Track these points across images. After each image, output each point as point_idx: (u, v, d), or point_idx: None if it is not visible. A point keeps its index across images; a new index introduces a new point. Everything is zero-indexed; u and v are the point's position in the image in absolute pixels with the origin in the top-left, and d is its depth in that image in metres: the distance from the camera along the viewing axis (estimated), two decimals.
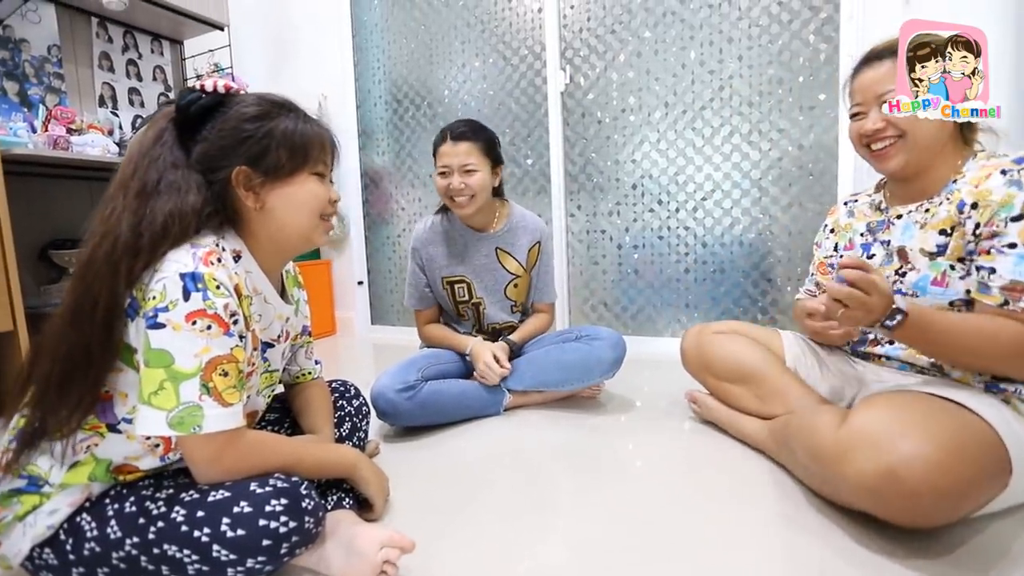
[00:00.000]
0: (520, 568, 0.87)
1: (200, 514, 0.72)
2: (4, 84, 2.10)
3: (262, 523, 0.71)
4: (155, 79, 2.64)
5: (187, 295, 0.71)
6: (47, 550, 0.75)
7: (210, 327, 0.72)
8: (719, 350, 1.34)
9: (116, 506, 0.76)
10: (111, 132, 2.35)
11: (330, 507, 0.93)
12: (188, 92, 0.83)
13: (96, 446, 0.78)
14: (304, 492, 0.76)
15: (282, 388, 1.11)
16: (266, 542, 0.71)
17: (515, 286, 1.70)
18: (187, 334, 0.70)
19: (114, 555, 0.73)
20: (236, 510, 0.71)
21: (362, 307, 3.02)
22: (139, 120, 2.54)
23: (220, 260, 0.77)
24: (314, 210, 0.89)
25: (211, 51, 2.73)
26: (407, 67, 2.76)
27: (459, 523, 1.01)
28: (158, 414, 0.70)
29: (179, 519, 0.72)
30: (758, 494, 1.05)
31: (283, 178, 0.86)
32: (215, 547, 0.70)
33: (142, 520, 0.74)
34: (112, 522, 0.74)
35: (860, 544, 0.86)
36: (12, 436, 0.78)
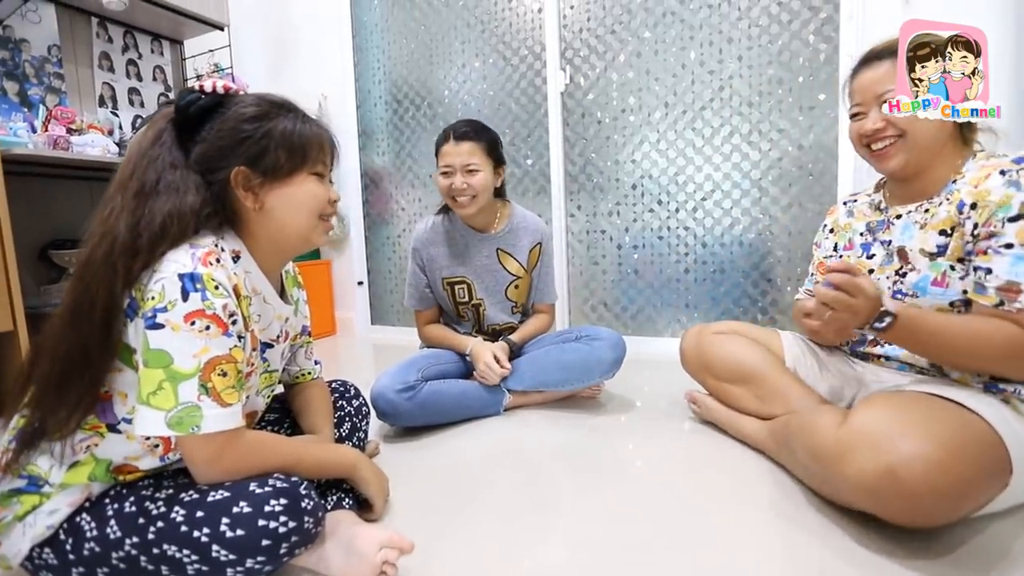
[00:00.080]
0: (520, 568, 0.87)
1: (200, 514, 0.72)
2: (4, 84, 2.10)
3: (261, 523, 0.71)
4: (155, 79, 2.64)
5: (186, 295, 0.71)
6: (47, 550, 0.75)
7: (209, 327, 0.72)
8: (719, 350, 1.34)
9: (116, 506, 0.76)
10: (111, 132, 2.35)
11: (330, 507, 0.93)
12: (187, 93, 0.83)
13: (96, 446, 0.78)
14: (304, 492, 0.76)
15: (282, 388, 1.11)
16: (265, 542, 0.71)
17: (516, 287, 1.70)
18: (186, 334, 0.70)
19: (114, 555, 0.73)
20: (236, 510, 0.71)
21: (362, 307, 3.02)
22: (139, 120, 2.54)
23: (219, 260, 0.77)
24: (313, 210, 0.89)
25: (211, 51, 2.73)
26: (407, 67, 2.76)
27: (459, 523, 1.01)
28: (157, 414, 0.70)
29: (179, 519, 0.72)
30: (758, 494, 1.06)
31: (282, 178, 0.85)
32: (214, 547, 0.70)
33: (142, 520, 0.74)
34: (112, 522, 0.75)
35: (860, 544, 0.86)
36: (12, 436, 0.78)
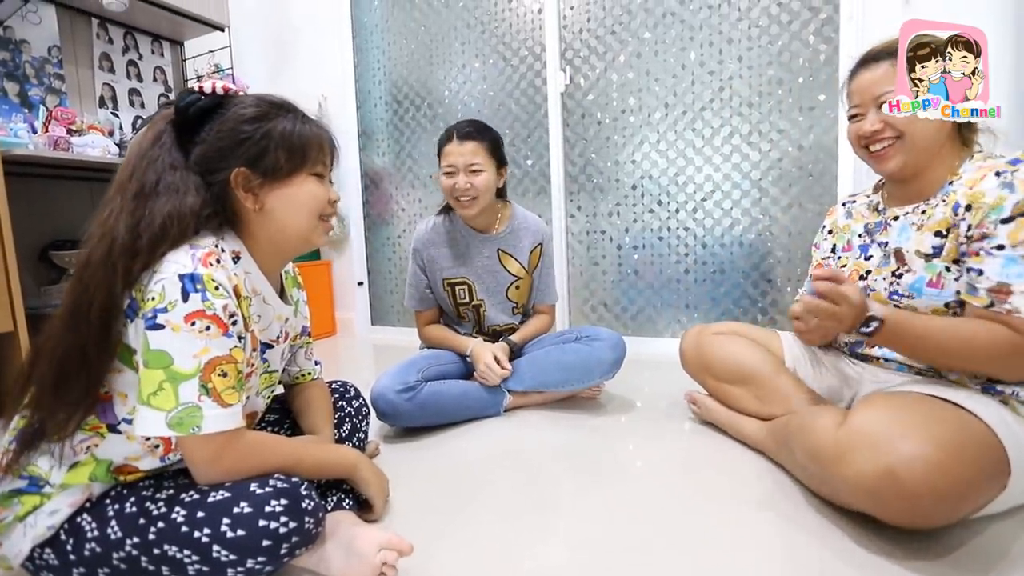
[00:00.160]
0: (521, 569, 0.87)
1: (200, 514, 0.72)
2: (5, 85, 2.10)
3: (262, 523, 0.71)
4: (155, 80, 2.64)
5: (186, 296, 0.71)
6: (47, 550, 0.75)
7: (209, 328, 0.72)
8: (719, 351, 1.34)
9: (116, 506, 0.76)
10: (111, 133, 2.35)
11: (330, 508, 0.93)
12: (186, 94, 0.83)
13: (96, 447, 0.78)
14: (304, 492, 0.76)
15: (282, 389, 1.11)
16: (266, 542, 0.71)
17: (516, 288, 1.70)
18: (186, 335, 0.70)
19: (114, 555, 0.73)
20: (236, 510, 0.71)
21: (362, 308, 3.02)
22: (139, 121, 2.55)
23: (219, 261, 0.77)
24: (313, 211, 0.89)
25: (211, 52, 2.74)
26: (407, 68, 2.76)
27: (459, 523, 1.01)
28: (157, 415, 0.70)
29: (179, 519, 0.72)
30: (758, 495, 1.06)
31: (282, 179, 0.85)
32: (215, 547, 0.70)
33: (142, 520, 0.74)
34: (112, 522, 0.75)
35: (859, 545, 0.86)
36: (12, 437, 0.78)
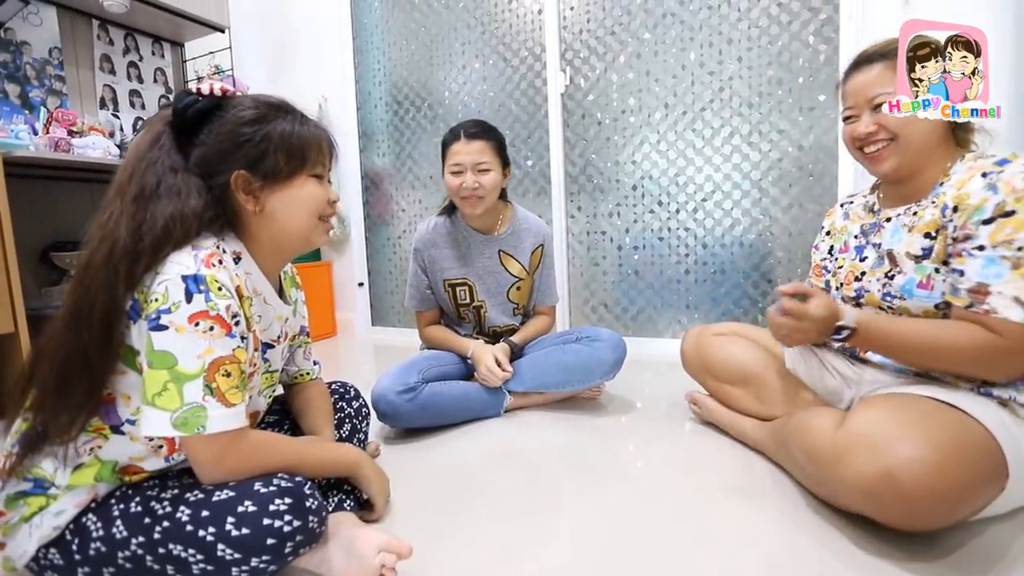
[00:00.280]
0: (521, 569, 0.87)
1: (205, 513, 0.72)
2: (5, 86, 2.10)
3: (266, 522, 0.71)
4: (156, 81, 2.64)
5: (189, 297, 0.71)
6: (53, 550, 0.75)
7: (212, 328, 0.72)
8: (719, 352, 1.35)
9: (122, 506, 0.76)
10: (112, 134, 2.35)
11: (331, 509, 0.93)
12: (184, 95, 0.82)
13: (99, 448, 0.78)
14: (308, 492, 0.76)
15: (281, 390, 1.11)
16: (270, 541, 0.71)
17: (517, 289, 1.70)
18: (190, 335, 0.71)
19: (120, 555, 0.73)
20: (240, 509, 0.72)
21: (363, 308, 3.02)
22: (140, 122, 2.55)
23: (221, 262, 0.77)
24: (313, 211, 0.89)
25: (211, 53, 2.73)
26: (407, 69, 2.77)
27: (459, 524, 1.01)
28: (162, 415, 0.70)
29: (184, 519, 0.73)
30: (757, 495, 1.06)
31: (282, 181, 0.86)
32: (220, 546, 0.71)
33: (147, 520, 0.74)
34: (118, 522, 0.75)
35: (858, 547, 0.86)
36: (15, 440, 0.78)
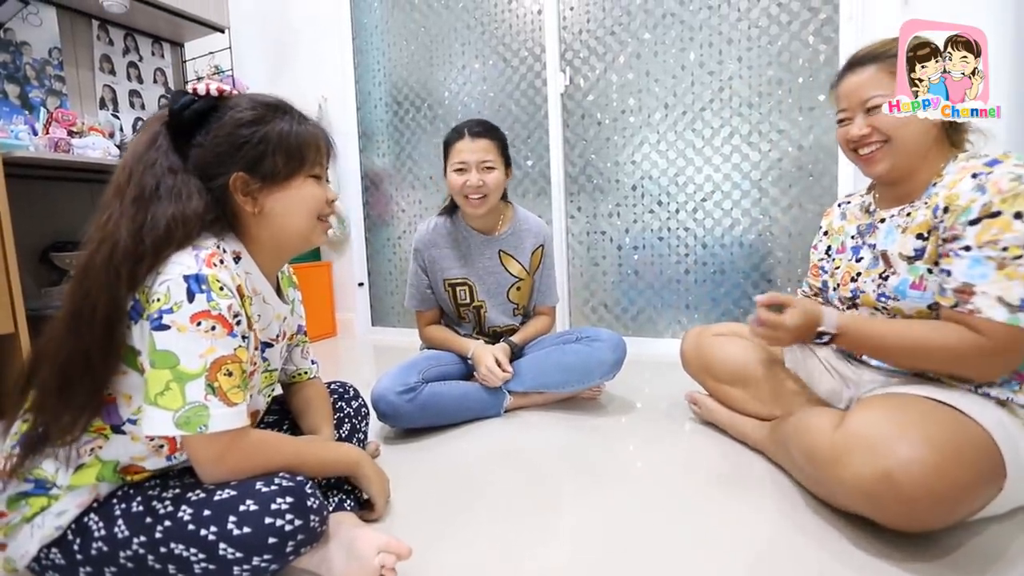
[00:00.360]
0: (521, 569, 0.87)
1: (207, 513, 0.72)
2: (5, 87, 2.10)
3: (268, 521, 0.71)
4: (156, 81, 2.64)
5: (191, 296, 0.71)
6: (54, 550, 0.75)
7: (214, 328, 0.72)
8: (719, 352, 1.35)
9: (123, 506, 0.76)
10: (112, 134, 2.35)
11: (331, 509, 0.93)
12: (180, 96, 0.82)
13: (100, 448, 0.78)
14: (309, 491, 0.76)
15: (280, 389, 1.11)
16: (272, 540, 0.71)
17: (517, 289, 1.70)
18: (192, 335, 0.71)
19: (121, 554, 0.73)
20: (242, 508, 0.72)
21: (362, 308, 3.02)
22: (140, 122, 2.55)
23: (222, 261, 0.77)
24: (312, 212, 0.90)
25: (211, 53, 2.73)
26: (407, 69, 2.77)
27: (459, 524, 1.01)
28: (164, 414, 0.70)
29: (186, 518, 0.73)
30: (757, 496, 1.06)
31: (280, 182, 0.86)
32: (221, 545, 0.71)
33: (149, 519, 0.74)
34: (119, 521, 0.75)
35: (858, 547, 0.86)
36: (15, 442, 0.78)
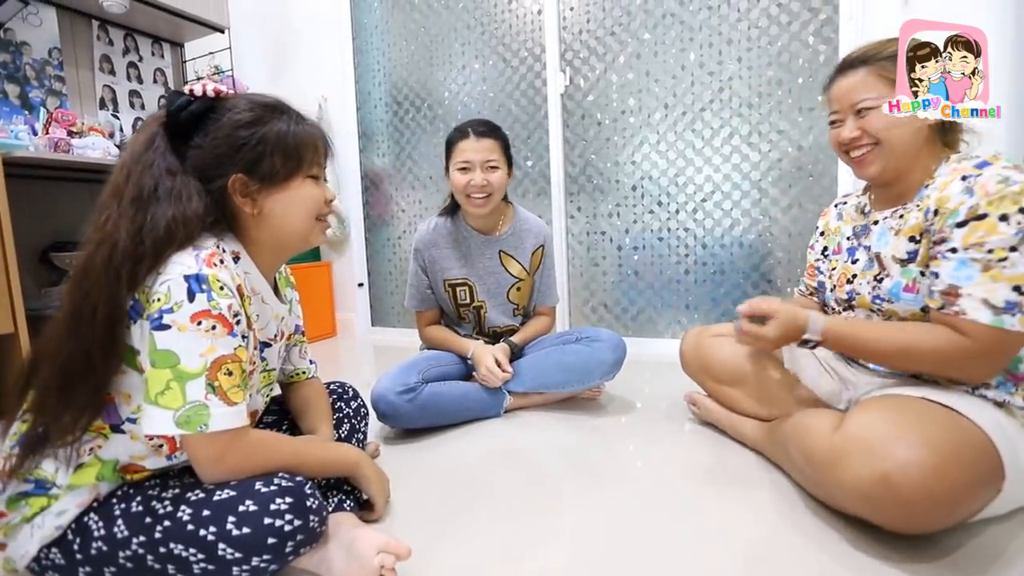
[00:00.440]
0: (521, 569, 0.87)
1: (206, 513, 0.72)
2: (5, 87, 2.10)
3: (267, 521, 0.71)
4: (155, 81, 2.64)
5: (192, 296, 0.71)
6: (54, 550, 0.75)
7: (214, 327, 0.72)
8: (718, 353, 1.34)
9: (123, 506, 0.76)
10: (112, 135, 2.35)
11: (331, 509, 0.93)
12: (177, 96, 0.82)
13: (100, 448, 0.78)
14: (308, 491, 0.76)
15: (279, 390, 1.11)
16: (271, 540, 0.71)
17: (517, 289, 1.70)
18: (192, 334, 0.71)
19: (121, 554, 0.73)
20: (241, 509, 0.72)
21: (362, 309, 3.02)
22: (139, 122, 2.55)
23: (222, 261, 0.77)
24: (311, 212, 0.90)
25: (211, 54, 2.73)
26: (407, 69, 2.77)
27: (459, 524, 1.01)
28: (165, 413, 0.70)
29: (185, 518, 0.73)
30: (757, 496, 1.06)
31: (279, 183, 0.86)
32: (221, 545, 0.71)
33: (148, 519, 0.74)
34: (119, 521, 0.75)
35: (857, 548, 0.86)
36: (14, 442, 0.78)
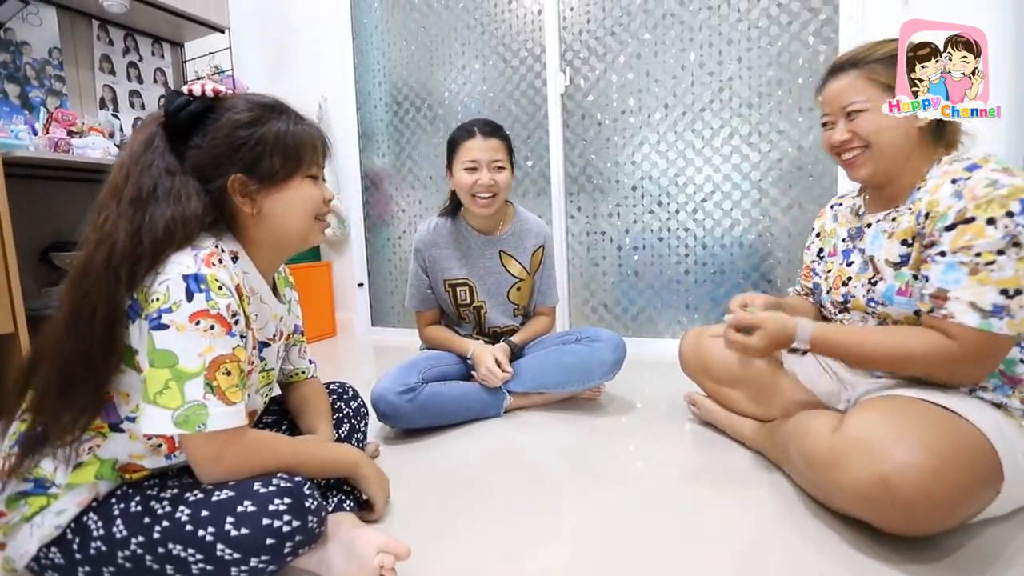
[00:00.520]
0: (521, 569, 0.87)
1: (204, 513, 0.72)
2: (5, 87, 2.10)
3: (266, 522, 0.71)
4: (156, 81, 2.64)
5: (190, 296, 0.71)
6: (54, 549, 0.75)
7: (213, 327, 0.72)
8: (717, 353, 1.34)
9: (122, 505, 0.76)
10: (112, 134, 2.35)
11: (330, 509, 0.93)
12: (175, 96, 0.82)
13: (98, 447, 0.78)
14: (307, 492, 0.76)
15: (279, 390, 1.11)
16: (270, 541, 0.71)
17: (518, 289, 1.70)
18: (191, 334, 0.71)
19: (119, 554, 0.73)
20: (240, 509, 0.72)
21: (362, 309, 3.02)
22: (139, 122, 2.54)
23: (221, 261, 0.77)
24: (310, 212, 0.90)
25: (211, 53, 2.73)
26: (407, 69, 2.77)
27: (459, 524, 1.01)
28: (164, 413, 0.70)
29: (184, 518, 0.72)
30: (756, 497, 1.06)
31: (278, 183, 0.86)
32: (219, 546, 0.70)
33: (147, 519, 0.74)
34: (118, 521, 0.75)
35: (857, 549, 0.86)
36: (13, 442, 0.78)
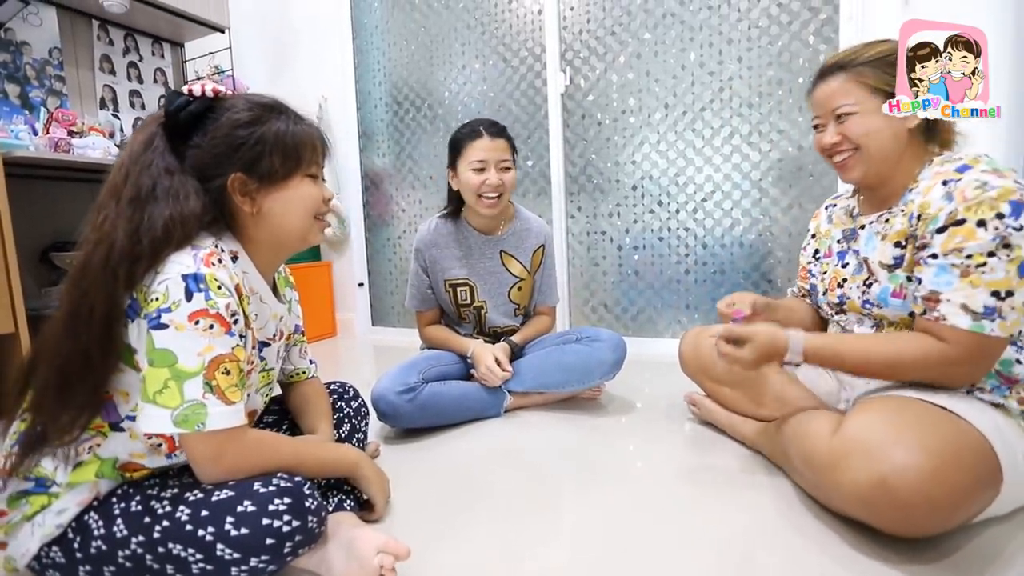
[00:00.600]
0: (521, 569, 0.87)
1: (204, 513, 0.72)
2: (5, 87, 2.10)
3: (266, 522, 0.71)
4: (156, 81, 2.64)
5: (189, 295, 0.71)
6: (55, 548, 0.76)
7: (212, 326, 0.73)
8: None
9: (122, 505, 0.76)
10: (112, 134, 2.35)
11: (331, 509, 0.93)
12: (175, 96, 0.82)
13: (98, 446, 0.78)
14: (307, 492, 0.76)
15: (279, 390, 1.11)
16: (270, 541, 0.71)
17: (518, 289, 1.70)
18: (190, 333, 0.71)
19: (120, 554, 0.74)
20: (240, 509, 0.72)
21: (363, 309, 3.02)
22: (139, 122, 2.55)
23: (220, 261, 0.77)
24: (309, 211, 0.90)
25: (211, 53, 2.73)
26: (407, 69, 2.77)
27: (460, 524, 1.01)
28: (163, 412, 0.70)
29: (184, 518, 0.73)
30: (756, 497, 1.06)
31: (278, 183, 0.86)
32: (219, 546, 0.71)
33: (147, 519, 0.74)
34: (118, 521, 0.75)
35: (857, 550, 0.86)
36: (13, 441, 0.78)
